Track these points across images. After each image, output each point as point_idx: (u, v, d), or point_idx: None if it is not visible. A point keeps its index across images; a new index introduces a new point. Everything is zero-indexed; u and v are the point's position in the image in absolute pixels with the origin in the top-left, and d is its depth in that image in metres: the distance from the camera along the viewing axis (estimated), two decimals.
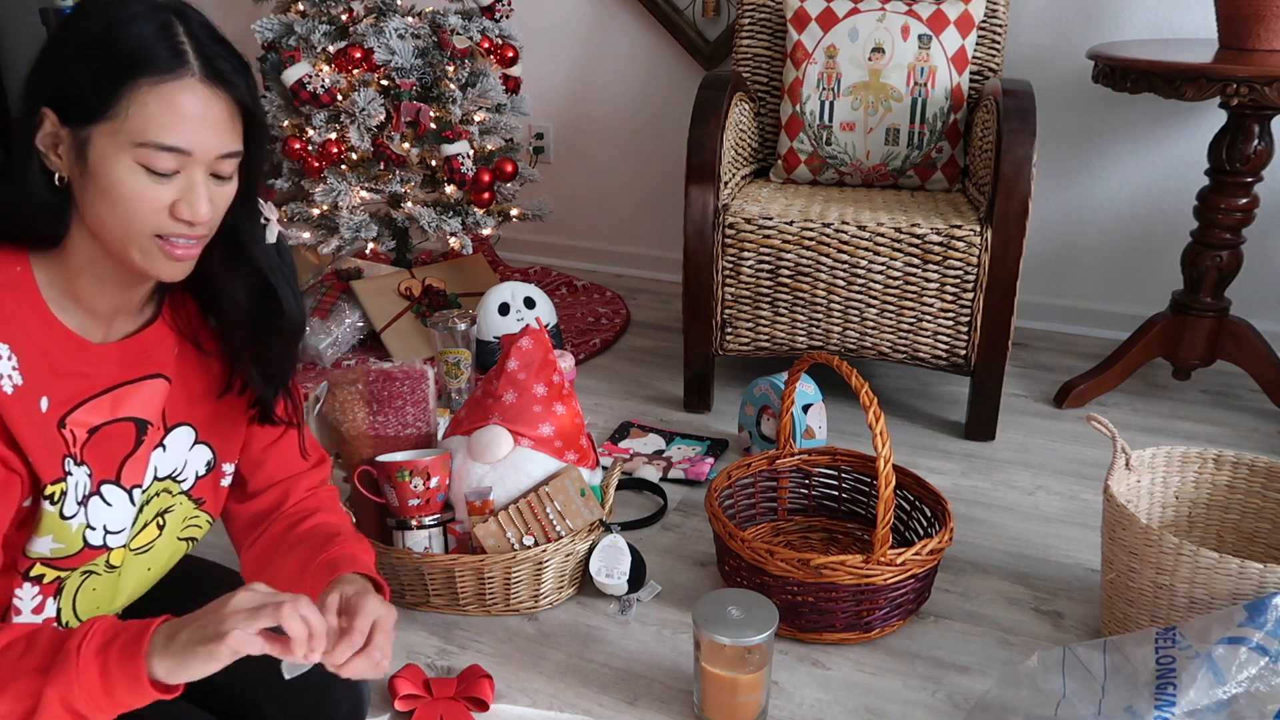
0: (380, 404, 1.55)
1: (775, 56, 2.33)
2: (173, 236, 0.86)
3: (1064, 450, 1.96)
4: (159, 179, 0.83)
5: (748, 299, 1.99)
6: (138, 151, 0.81)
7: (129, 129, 0.81)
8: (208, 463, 1.03)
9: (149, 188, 0.83)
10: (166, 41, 0.81)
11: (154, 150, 0.81)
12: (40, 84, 0.83)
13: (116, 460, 0.93)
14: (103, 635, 0.80)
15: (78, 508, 0.90)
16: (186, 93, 0.82)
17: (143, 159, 0.81)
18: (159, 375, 0.96)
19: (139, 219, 0.83)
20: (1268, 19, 1.82)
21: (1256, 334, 2.05)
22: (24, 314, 0.85)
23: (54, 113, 0.82)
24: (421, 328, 2.40)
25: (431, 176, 2.49)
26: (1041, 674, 1.18)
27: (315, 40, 2.27)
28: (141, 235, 0.85)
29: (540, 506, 1.44)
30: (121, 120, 0.80)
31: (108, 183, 0.82)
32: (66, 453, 0.89)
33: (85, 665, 0.78)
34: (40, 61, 0.83)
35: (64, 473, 0.87)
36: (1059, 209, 2.51)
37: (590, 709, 1.29)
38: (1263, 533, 1.44)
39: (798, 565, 1.34)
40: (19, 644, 0.80)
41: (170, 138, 0.82)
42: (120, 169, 0.82)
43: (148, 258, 0.86)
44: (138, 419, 0.94)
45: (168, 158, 0.82)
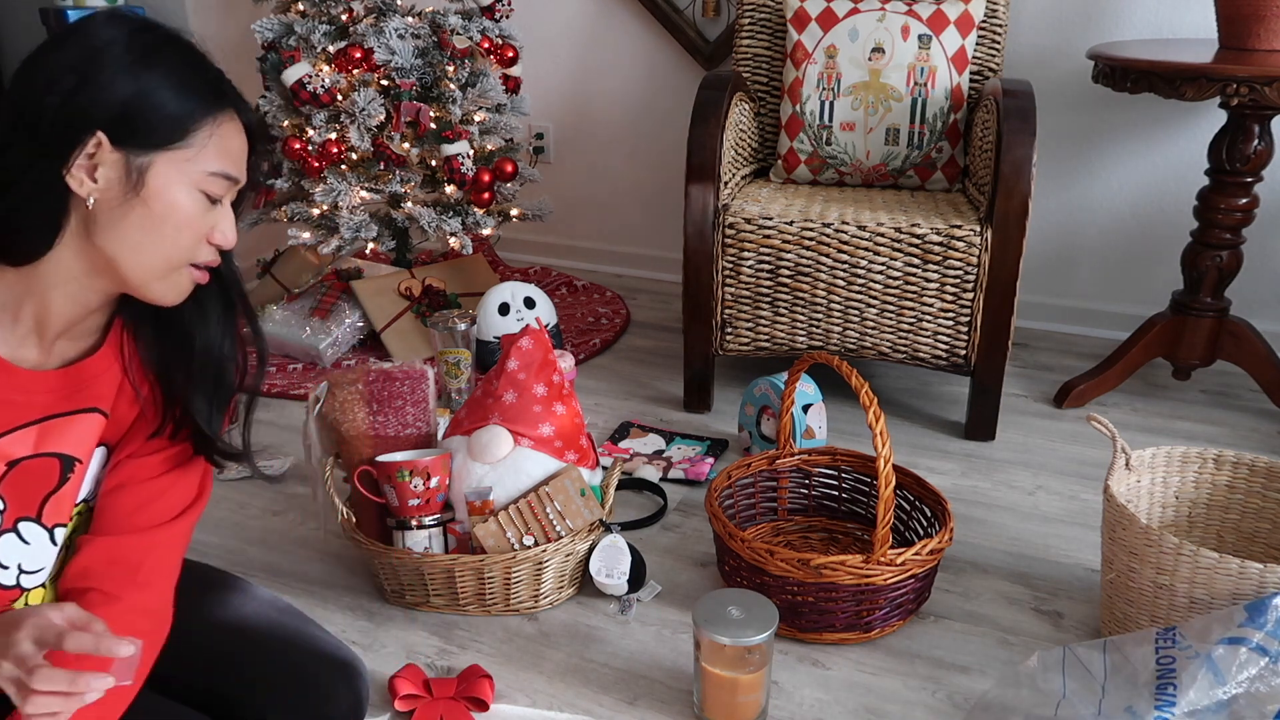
0: (380, 404, 1.55)
1: (775, 56, 2.33)
2: (200, 263, 0.89)
3: (1064, 450, 1.96)
4: (208, 206, 0.87)
5: (748, 299, 1.99)
6: (206, 179, 0.86)
7: (204, 158, 0.85)
8: (104, 463, 0.99)
9: (202, 213, 0.87)
10: (218, 84, 0.87)
11: (220, 179, 0.87)
12: (98, 105, 0.81)
13: (37, 497, 0.90)
14: None
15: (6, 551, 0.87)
16: (236, 129, 0.89)
17: (205, 185, 0.86)
18: (95, 409, 0.92)
19: (184, 242, 0.86)
20: (1268, 19, 1.82)
21: (1256, 334, 2.05)
22: None
23: (106, 135, 0.82)
24: (421, 328, 2.40)
25: (431, 176, 2.49)
26: (1041, 674, 1.18)
27: (315, 40, 2.27)
28: (178, 259, 0.87)
29: (540, 506, 1.44)
30: (197, 149, 0.85)
31: (166, 207, 0.84)
32: None
33: None
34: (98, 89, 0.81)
35: None
36: (1059, 209, 2.51)
37: (590, 709, 1.29)
38: (1263, 533, 1.44)
39: (798, 565, 1.34)
40: None
41: (231, 168, 0.88)
42: (183, 194, 0.85)
43: (167, 281, 0.88)
44: (64, 455, 0.90)
45: (224, 185, 0.88)
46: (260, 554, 1.64)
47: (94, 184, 0.82)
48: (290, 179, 2.41)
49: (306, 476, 1.81)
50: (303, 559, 1.63)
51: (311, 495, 1.76)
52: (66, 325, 0.89)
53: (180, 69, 0.84)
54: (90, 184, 0.82)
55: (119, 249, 0.84)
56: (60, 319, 0.88)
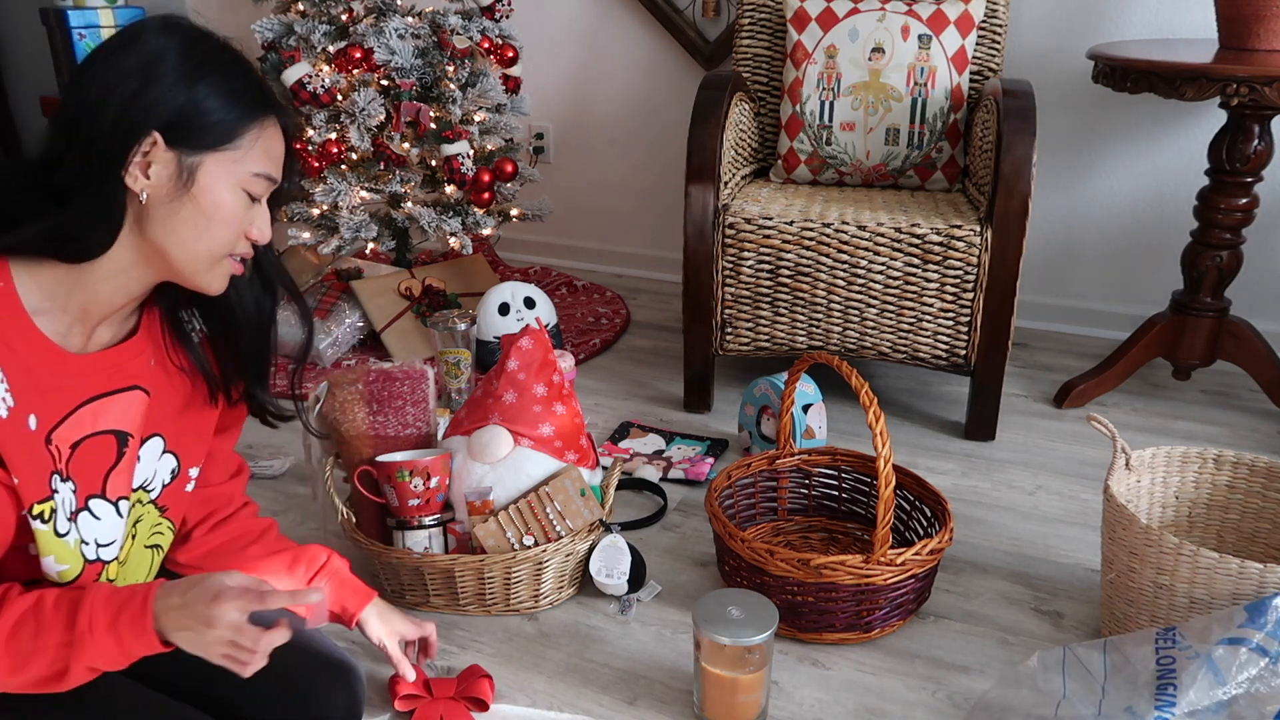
0: (380, 404, 1.55)
1: (775, 56, 2.33)
2: (238, 255, 0.96)
3: (1064, 450, 1.96)
4: (249, 203, 0.94)
5: (748, 299, 1.99)
6: (250, 179, 0.92)
7: (249, 159, 0.92)
8: (173, 470, 1.05)
9: (244, 210, 0.93)
10: (265, 87, 0.94)
11: (262, 179, 0.93)
12: (156, 109, 0.87)
13: (100, 473, 0.95)
14: (107, 611, 0.87)
15: (69, 524, 0.91)
16: (278, 133, 0.95)
17: (249, 185, 0.92)
18: (136, 387, 0.98)
19: (227, 237, 0.93)
20: (1268, 19, 1.82)
21: (1256, 334, 2.05)
22: (7, 328, 0.86)
23: (161, 136, 0.87)
24: (421, 328, 2.40)
25: (431, 176, 2.49)
26: (1041, 674, 1.18)
27: (315, 40, 2.27)
28: (221, 251, 0.93)
29: (540, 506, 1.44)
30: (243, 151, 0.91)
31: (212, 204, 0.91)
32: (54, 469, 0.89)
33: (101, 640, 0.86)
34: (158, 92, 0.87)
35: (50, 491, 0.89)
36: (1059, 209, 2.51)
37: (590, 709, 1.29)
38: (1263, 533, 1.44)
39: (798, 565, 1.34)
40: (28, 621, 0.86)
41: (273, 169, 0.95)
42: (228, 192, 0.91)
43: (213, 272, 0.94)
44: (118, 431, 0.96)
45: (265, 185, 0.94)
46: None
47: (147, 180, 0.88)
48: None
49: (306, 476, 1.81)
50: None
51: (311, 495, 1.76)
52: (109, 313, 0.94)
53: (230, 77, 0.91)
54: (144, 180, 0.88)
55: (169, 242, 0.90)
56: (105, 308, 0.93)
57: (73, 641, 0.85)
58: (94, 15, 3.46)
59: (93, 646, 0.86)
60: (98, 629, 0.86)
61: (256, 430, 2.04)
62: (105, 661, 0.87)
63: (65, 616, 0.86)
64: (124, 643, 0.87)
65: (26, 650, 0.85)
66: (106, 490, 0.96)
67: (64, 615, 0.86)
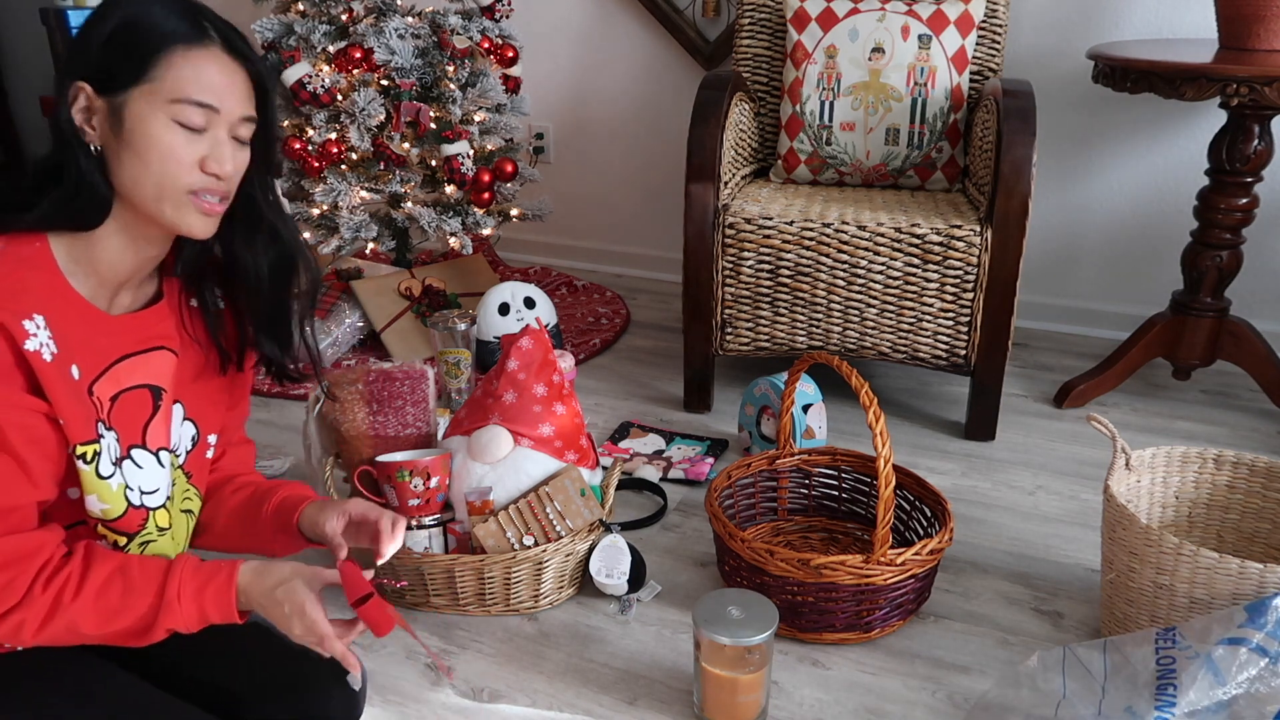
0: (380, 404, 1.55)
1: (775, 56, 2.33)
2: (203, 192, 0.94)
3: (1064, 450, 1.96)
4: (190, 135, 0.91)
5: (748, 299, 1.99)
6: (173, 108, 0.90)
7: (165, 88, 0.90)
8: (193, 437, 1.09)
9: (182, 143, 0.91)
10: (192, 19, 0.92)
11: (188, 105, 0.90)
12: (75, 65, 0.90)
13: (139, 425, 0.99)
14: (193, 581, 0.95)
15: (113, 468, 0.96)
16: (213, 60, 0.92)
17: (177, 114, 0.90)
18: (164, 347, 1.02)
19: (174, 173, 0.91)
20: (1268, 19, 1.82)
21: (1256, 334, 2.05)
22: (46, 288, 0.90)
23: (89, 86, 0.90)
24: (421, 328, 2.40)
25: (431, 176, 2.49)
26: (1041, 674, 1.18)
27: (315, 40, 2.27)
28: (176, 190, 0.92)
29: (540, 506, 1.44)
30: (159, 82, 0.90)
31: (145, 140, 0.90)
32: (98, 418, 0.94)
33: (186, 608, 0.94)
34: (70, 53, 0.91)
35: (97, 435, 0.93)
36: (1059, 209, 2.51)
37: (590, 709, 1.29)
38: (1263, 533, 1.44)
39: (798, 565, 1.34)
40: (116, 581, 0.93)
41: (201, 95, 0.91)
42: (158, 126, 0.90)
43: (180, 212, 0.93)
44: (152, 385, 1.01)
45: (199, 113, 0.91)
46: None
47: (94, 132, 0.91)
48: (290, 179, 2.41)
49: (307, 476, 1.80)
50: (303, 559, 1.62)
51: None
52: (129, 275, 0.97)
53: (142, 9, 0.90)
54: (91, 133, 0.91)
55: (126, 186, 0.92)
56: (122, 268, 0.96)
57: (161, 606, 0.93)
58: None
59: (178, 612, 0.94)
60: (185, 597, 0.94)
61: (256, 430, 2.05)
62: (184, 626, 0.95)
63: (155, 582, 0.94)
64: (205, 612, 0.95)
65: (115, 608, 0.92)
66: (147, 440, 1.00)
67: (154, 580, 0.94)
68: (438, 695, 1.32)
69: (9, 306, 0.85)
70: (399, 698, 1.32)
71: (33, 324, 0.87)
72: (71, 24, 3.42)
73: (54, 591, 0.90)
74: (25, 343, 0.86)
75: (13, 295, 0.86)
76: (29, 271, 0.89)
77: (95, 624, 0.92)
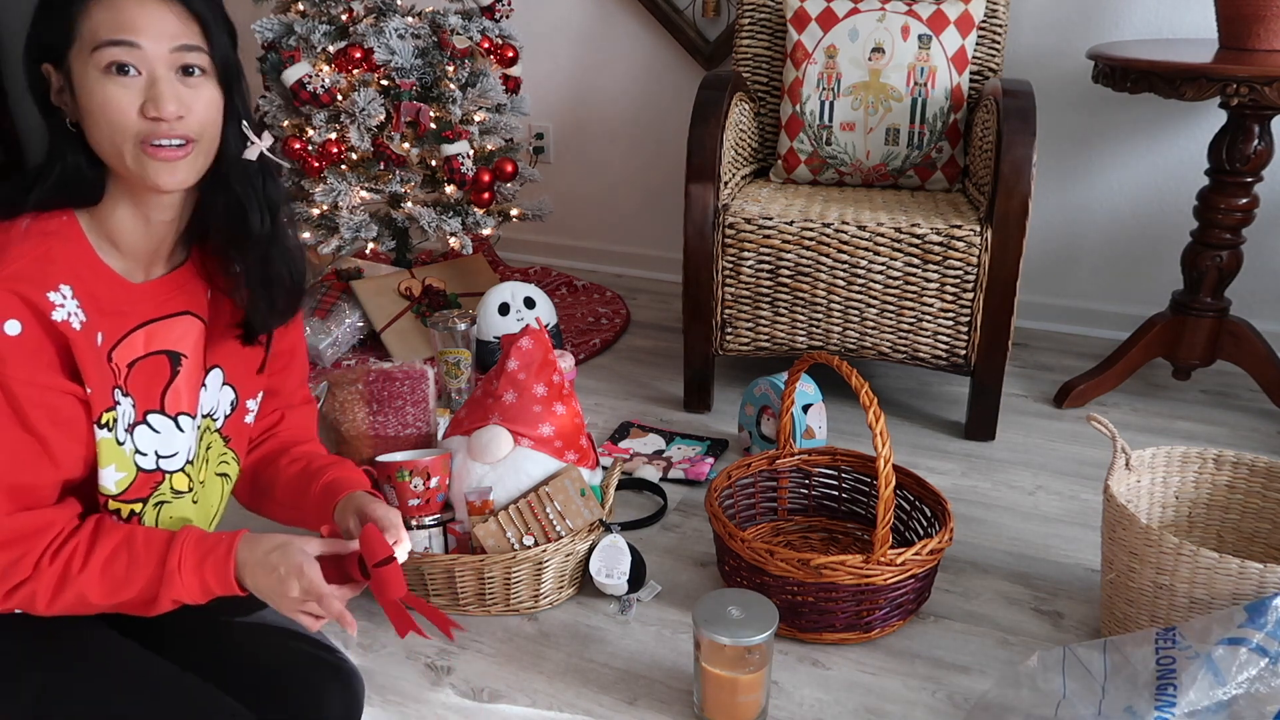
0: (380, 404, 1.55)
1: (775, 56, 2.33)
2: (153, 139, 0.91)
3: (1064, 450, 1.96)
4: (123, 82, 0.89)
5: (748, 299, 1.99)
6: (95, 56, 0.88)
7: (85, 41, 0.89)
8: (231, 401, 1.12)
9: (115, 91, 0.89)
10: None
11: (105, 49, 0.88)
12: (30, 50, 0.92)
13: (157, 391, 1.01)
14: (194, 554, 0.97)
15: (126, 435, 0.98)
16: (130, 2, 0.90)
17: (99, 62, 0.89)
18: (189, 313, 1.04)
19: (117, 124, 0.90)
20: (1268, 19, 1.82)
21: (1256, 334, 2.05)
22: (74, 259, 0.92)
23: (50, 65, 0.92)
24: (421, 328, 2.40)
25: (431, 176, 2.49)
26: (1041, 674, 1.18)
27: (315, 40, 2.27)
28: (126, 142, 0.90)
29: (540, 506, 1.44)
30: (81, 38, 0.89)
31: (87, 97, 0.90)
32: (115, 384, 0.97)
33: (187, 580, 0.96)
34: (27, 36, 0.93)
35: (114, 402, 0.96)
36: (1059, 209, 2.51)
37: (590, 709, 1.29)
38: (1263, 533, 1.44)
39: (798, 565, 1.34)
40: (121, 553, 0.96)
41: (117, 34, 0.88)
42: (91, 80, 0.89)
43: (141, 166, 0.91)
44: (170, 351, 1.02)
45: (120, 53, 0.89)
46: None
47: (66, 108, 0.93)
48: (290, 179, 2.41)
49: None
50: None
51: None
52: (150, 247, 0.99)
53: None
54: (65, 109, 0.93)
55: (100, 153, 0.92)
56: (138, 237, 0.97)
57: (163, 577, 0.95)
58: None
59: (180, 584, 0.95)
60: (185, 569, 0.96)
61: None
62: (188, 597, 0.97)
63: (157, 554, 0.96)
64: (207, 584, 0.97)
65: (120, 579, 0.95)
66: (165, 405, 1.02)
67: (156, 553, 0.96)
68: (438, 695, 1.32)
69: (35, 280, 0.87)
70: (399, 698, 1.32)
71: (58, 294, 0.89)
72: None
73: (61, 564, 0.92)
74: (53, 314, 0.88)
75: (39, 269, 0.88)
76: (55, 243, 0.92)
77: (102, 595, 0.94)
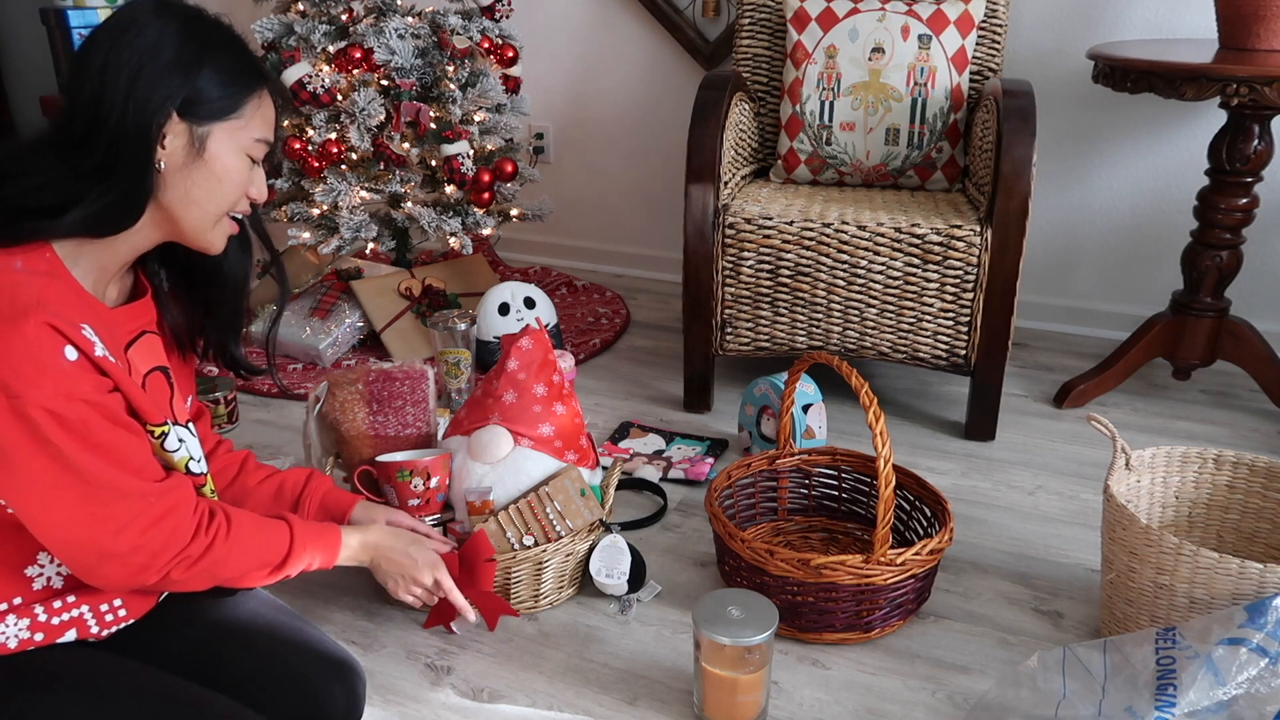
0: (380, 404, 1.55)
1: (775, 56, 2.33)
2: (235, 213, 1.04)
3: (1064, 450, 1.96)
4: (251, 166, 1.03)
5: (748, 299, 1.99)
6: (252, 145, 1.01)
7: (251, 127, 1.01)
8: None
9: (247, 173, 1.02)
10: (259, 59, 1.03)
11: (262, 144, 1.03)
12: (173, 86, 0.95)
13: (166, 404, 1.05)
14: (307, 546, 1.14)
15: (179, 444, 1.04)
16: (269, 99, 1.04)
17: (251, 150, 1.02)
18: (148, 331, 1.07)
19: (233, 197, 1.02)
20: (1268, 19, 1.82)
21: (1256, 334, 2.05)
22: (72, 296, 0.94)
23: (176, 112, 0.96)
24: (421, 328, 2.40)
25: (431, 176, 2.49)
26: (1041, 674, 1.18)
27: (315, 40, 2.27)
28: (223, 212, 1.02)
29: (540, 506, 1.44)
30: (246, 119, 1.00)
31: (223, 169, 0.99)
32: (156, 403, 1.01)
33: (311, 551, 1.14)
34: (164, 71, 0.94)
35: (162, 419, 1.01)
36: (1059, 209, 2.51)
37: (590, 709, 1.29)
38: (1263, 533, 1.44)
39: (798, 565, 1.34)
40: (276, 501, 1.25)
41: (270, 134, 1.04)
42: (234, 157, 1.00)
43: (216, 231, 1.02)
44: (161, 366, 1.06)
45: (264, 149, 1.04)
46: None
47: (164, 151, 0.96)
48: (290, 179, 2.41)
49: None
50: None
51: None
52: (113, 271, 1.01)
53: (230, 52, 0.99)
54: (161, 151, 0.96)
55: (183, 205, 0.99)
56: (118, 266, 1.01)
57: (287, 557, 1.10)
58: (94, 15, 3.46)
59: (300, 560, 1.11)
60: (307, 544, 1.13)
61: (257, 431, 2.05)
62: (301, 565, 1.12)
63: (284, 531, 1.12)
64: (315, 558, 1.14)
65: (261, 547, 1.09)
66: (176, 416, 1.06)
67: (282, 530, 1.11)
68: (438, 695, 1.32)
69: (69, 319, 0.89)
70: (399, 698, 1.32)
71: (89, 331, 0.91)
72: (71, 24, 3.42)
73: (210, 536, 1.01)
74: (94, 351, 0.90)
75: (65, 310, 0.90)
76: (55, 283, 0.92)
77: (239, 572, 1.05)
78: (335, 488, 1.34)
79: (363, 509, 1.33)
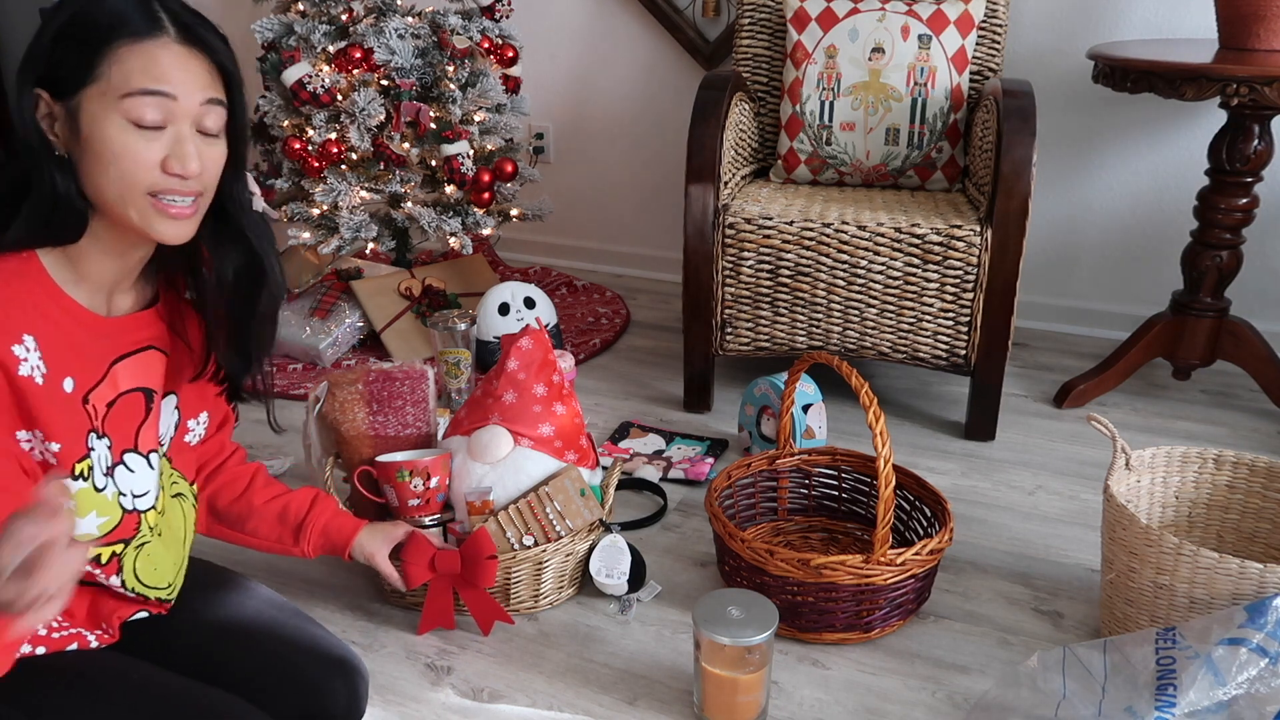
0: (380, 404, 1.55)
1: (775, 56, 2.33)
2: (166, 195, 0.89)
3: (1064, 450, 1.96)
4: (147, 134, 0.87)
5: (748, 299, 1.99)
6: (124, 104, 0.86)
7: (113, 85, 0.86)
8: (175, 423, 1.09)
9: (138, 142, 0.87)
10: (142, 9, 0.87)
11: (138, 97, 0.86)
12: (29, 72, 0.88)
13: (133, 429, 0.99)
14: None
15: (105, 479, 0.96)
16: (164, 50, 0.87)
17: (129, 111, 0.86)
18: (152, 347, 1.02)
19: (132, 176, 0.87)
20: (1268, 19, 1.82)
21: (1256, 334, 2.05)
22: (38, 297, 0.89)
23: (46, 92, 0.87)
24: (421, 328, 2.40)
25: (431, 176, 2.49)
26: (1041, 674, 1.18)
27: (315, 40, 2.27)
28: (137, 194, 0.88)
29: (540, 506, 1.44)
30: (106, 80, 0.86)
31: (100, 143, 0.86)
32: (90, 428, 0.93)
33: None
34: (26, 55, 0.88)
35: (87, 449, 0.93)
36: (1059, 209, 2.51)
37: (590, 709, 1.29)
38: (1263, 533, 1.44)
39: (798, 565, 1.34)
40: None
41: (152, 84, 0.86)
42: (111, 127, 0.86)
43: (145, 218, 0.89)
44: (145, 389, 1.00)
45: (152, 104, 0.86)
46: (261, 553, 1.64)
47: (56, 138, 0.88)
48: (290, 179, 2.41)
49: (306, 476, 1.80)
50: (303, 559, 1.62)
51: None
52: (116, 278, 0.96)
53: (89, 3, 0.87)
54: (55, 139, 0.88)
55: (91, 192, 0.89)
56: (109, 272, 0.94)
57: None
58: None
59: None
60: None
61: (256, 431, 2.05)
62: None
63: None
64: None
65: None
66: (139, 444, 1.00)
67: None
68: (438, 695, 1.32)
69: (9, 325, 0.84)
70: (399, 698, 1.32)
71: (22, 348, 0.85)
72: None
73: None
74: (19, 369, 0.84)
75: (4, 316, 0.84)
76: (20, 283, 0.88)
77: None
78: (339, 512, 1.32)
79: (368, 534, 1.32)
